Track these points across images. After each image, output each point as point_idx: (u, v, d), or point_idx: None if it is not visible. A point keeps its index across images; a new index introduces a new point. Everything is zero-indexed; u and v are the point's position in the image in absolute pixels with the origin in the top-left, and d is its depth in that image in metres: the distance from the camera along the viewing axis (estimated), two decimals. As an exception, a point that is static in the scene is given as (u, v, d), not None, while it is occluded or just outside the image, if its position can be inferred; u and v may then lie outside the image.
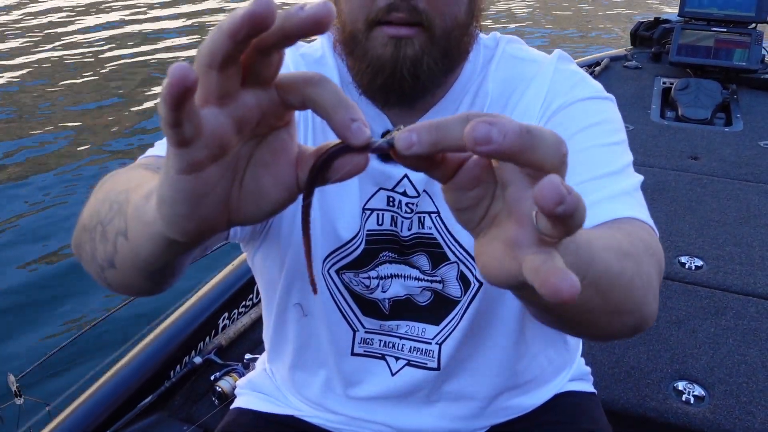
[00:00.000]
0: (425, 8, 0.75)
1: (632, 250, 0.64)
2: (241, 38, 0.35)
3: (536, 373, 0.99)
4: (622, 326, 0.64)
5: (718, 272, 2.06)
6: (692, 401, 1.54)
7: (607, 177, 0.78)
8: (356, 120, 0.38)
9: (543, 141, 0.36)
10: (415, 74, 0.77)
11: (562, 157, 0.37)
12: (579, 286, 0.34)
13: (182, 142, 0.37)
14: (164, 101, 0.34)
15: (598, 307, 0.57)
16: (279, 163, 0.42)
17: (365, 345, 0.95)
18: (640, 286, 0.63)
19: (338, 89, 0.39)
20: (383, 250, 0.89)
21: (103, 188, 0.65)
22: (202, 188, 0.39)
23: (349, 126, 0.38)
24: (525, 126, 0.35)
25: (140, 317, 2.69)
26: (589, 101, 0.86)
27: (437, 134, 0.37)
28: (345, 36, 0.80)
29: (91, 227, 0.62)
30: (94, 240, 0.62)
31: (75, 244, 0.69)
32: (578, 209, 0.35)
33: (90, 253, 0.64)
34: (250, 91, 0.39)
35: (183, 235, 0.42)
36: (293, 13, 0.35)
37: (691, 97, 3.45)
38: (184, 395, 1.62)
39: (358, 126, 0.38)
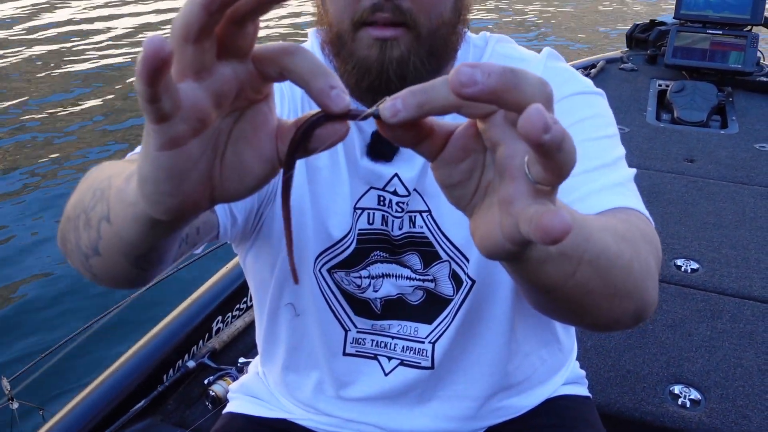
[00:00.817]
0: (410, 8, 0.75)
1: (629, 234, 0.64)
2: (214, 9, 0.34)
3: (528, 373, 0.99)
4: (624, 312, 0.64)
5: (714, 275, 2.06)
6: (688, 405, 1.54)
7: (600, 169, 0.78)
8: (335, 87, 0.38)
9: (526, 79, 0.36)
10: (402, 75, 0.77)
11: (547, 95, 0.37)
12: (570, 223, 0.34)
13: (161, 117, 0.36)
14: (140, 76, 0.33)
15: (597, 288, 0.57)
16: (259, 137, 0.41)
17: (357, 345, 0.94)
18: (639, 269, 0.63)
19: (315, 57, 0.38)
20: (374, 250, 0.89)
21: (88, 180, 0.65)
22: (183, 164, 0.39)
23: (329, 93, 0.38)
24: (508, 66, 0.36)
25: (133, 320, 2.69)
26: (580, 96, 0.86)
27: (422, 96, 0.37)
28: (332, 37, 0.80)
29: (75, 216, 0.62)
30: (78, 228, 0.61)
31: (60, 237, 0.68)
32: (565, 140, 0.35)
33: (74, 242, 0.63)
34: (226, 64, 0.38)
35: (166, 213, 0.41)
36: None
37: (686, 100, 3.46)
38: (177, 399, 1.61)
39: (337, 93, 0.38)
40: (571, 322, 0.71)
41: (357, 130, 0.87)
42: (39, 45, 7.53)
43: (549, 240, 0.35)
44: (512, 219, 0.38)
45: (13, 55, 7.10)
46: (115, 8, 9.38)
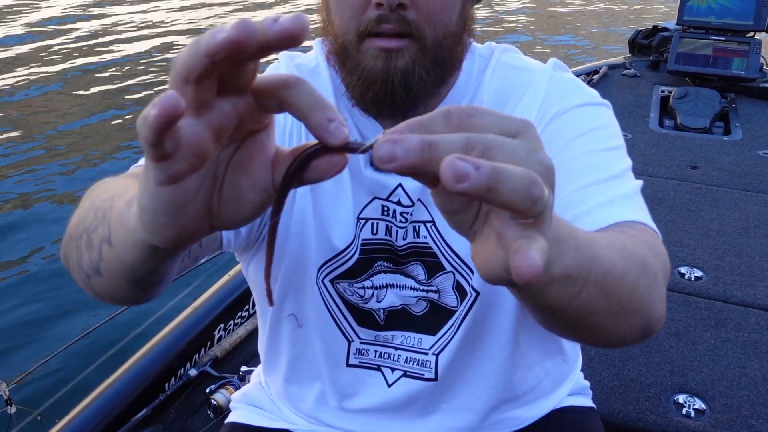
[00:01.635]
0: (415, 19, 0.75)
1: (636, 250, 0.64)
2: (219, 59, 0.34)
3: (533, 385, 0.98)
4: (630, 329, 0.63)
5: (717, 283, 2.05)
6: (693, 415, 1.53)
7: (607, 181, 0.78)
8: (333, 120, 0.38)
9: (449, 145, 0.36)
10: (407, 85, 0.77)
11: (473, 142, 0.36)
12: (539, 265, 0.35)
13: (161, 157, 0.36)
14: (149, 127, 0.34)
15: (603, 308, 0.56)
16: (256, 166, 0.41)
17: (360, 356, 0.94)
18: (646, 285, 0.62)
19: (314, 90, 0.38)
20: (378, 260, 0.88)
21: (90, 196, 0.65)
22: (182, 198, 0.39)
23: (327, 126, 0.38)
24: (428, 139, 0.35)
25: (135, 327, 2.68)
26: (586, 107, 0.86)
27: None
28: (337, 48, 0.81)
29: (77, 236, 0.62)
30: (80, 248, 0.61)
31: (63, 254, 0.69)
32: (496, 182, 0.34)
33: (76, 261, 0.63)
34: (226, 99, 0.38)
35: (165, 242, 0.42)
36: (267, 27, 0.35)
37: (689, 106, 3.45)
38: (179, 408, 1.60)
39: (336, 126, 0.38)
40: (578, 340, 0.70)
41: (361, 138, 0.87)
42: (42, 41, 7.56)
43: (519, 281, 0.35)
44: (503, 251, 0.38)
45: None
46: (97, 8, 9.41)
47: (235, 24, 0.34)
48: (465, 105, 0.89)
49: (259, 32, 0.34)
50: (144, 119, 0.34)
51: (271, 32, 0.35)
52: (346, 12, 0.77)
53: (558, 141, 0.82)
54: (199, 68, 0.35)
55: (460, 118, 0.37)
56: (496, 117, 0.38)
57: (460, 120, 0.37)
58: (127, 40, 7.99)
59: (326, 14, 0.83)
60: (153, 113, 0.33)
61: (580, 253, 0.49)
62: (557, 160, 0.80)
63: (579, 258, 0.49)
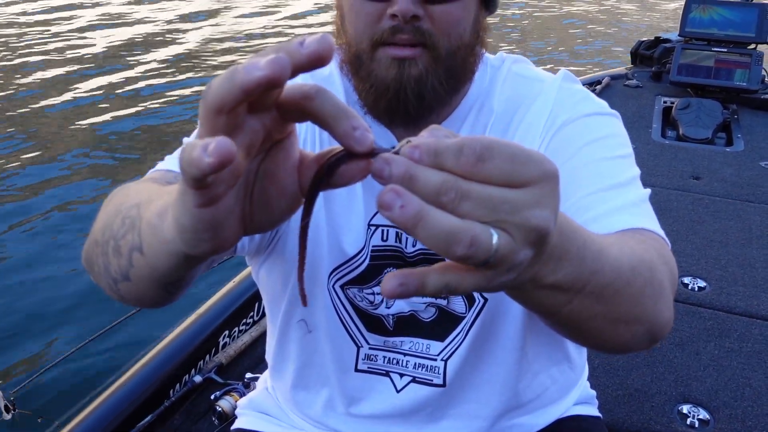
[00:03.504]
0: (429, 29, 0.76)
1: (647, 257, 0.64)
2: (253, 94, 0.36)
3: (539, 392, 0.98)
4: (633, 335, 0.63)
5: (721, 293, 2.05)
6: (697, 425, 1.53)
7: (615, 189, 0.78)
8: (358, 128, 0.39)
9: (425, 184, 0.38)
10: (420, 94, 0.78)
11: (436, 201, 0.38)
12: (395, 290, 0.39)
13: (203, 187, 0.38)
14: (200, 171, 0.35)
15: (600, 315, 0.56)
16: (282, 173, 0.43)
17: (369, 361, 0.94)
18: (651, 294, 0.62)
19: (335, 98, 0.40)
20: (387, 266, 0.89)
21: (113, 202, 0.66)
22: (222, 215, 0.41)
23: (352, 134, 0.39)
24: (409, 173, 0.37)
25: (139, 334, 2.68)
26: (594, 117, 0.87)
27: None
28: (350, 56, 0.81)
29: (103, 242, 0.63)
30: (107, 254, 0.62)
31: (85, 258, 0.70)
32: (414, 226, 0.37)
33: (102, 266, 0.64)
34: (254, 117, 0.40)
35: (204, 253, 0.43)
36: (294, 50, 0.36)
37: (692, 117, 3.46)
38: (183, 415, 1.61)
39: (361, 133, 0.39)
40: (579, 342, 0.71)
41: None
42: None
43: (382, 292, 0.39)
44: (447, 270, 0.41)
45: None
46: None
47: (270, 61, 0.35)
48: (476, 116, 0.89)
49: (292, 63, 0.36)
50: (192, 161, 0.35)
51: (300, 57, 0.36)
52: (360, 22, 0.78)
53: (566, 149, 0.83)
54: (233, 102, 0.36)
55: (470, 160, 0.38)
56: (507, 163, 0.38)
57: (468, 161, 0.38)
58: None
59: (340, 23, 0.84)
60: (208, 161, 0.34)
61: (580, 268, 0.49)
62: (565, 168, 0.81)
63: (576, 274, 0.49)
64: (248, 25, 9.34)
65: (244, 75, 0.35)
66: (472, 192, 0.38)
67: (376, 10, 0.77)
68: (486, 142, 0.38)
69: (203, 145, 0.34)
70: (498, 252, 0.38)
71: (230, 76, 0.36)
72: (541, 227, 0.39)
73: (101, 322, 2.88)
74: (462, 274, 0.40)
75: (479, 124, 0.88)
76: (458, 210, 0.38)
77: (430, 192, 0.37)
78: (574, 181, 0.79)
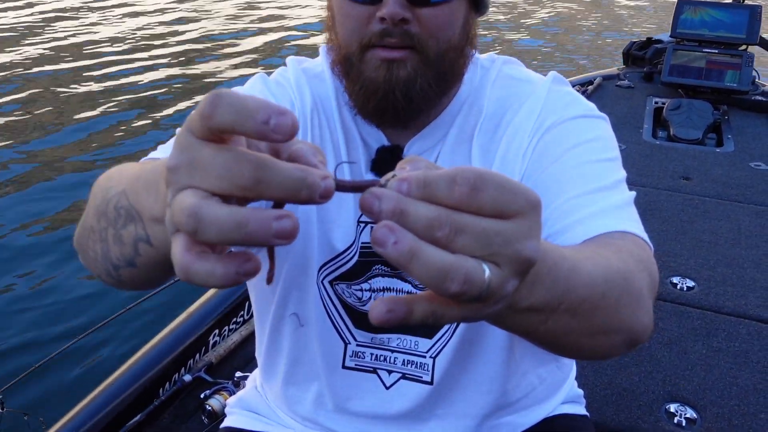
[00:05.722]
0: (418, 32, 0.77)
1: (622, 266, 0.64)
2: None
3: (527, 391, 0.99)
4: (611, 344, 0.63)
5: (709, 293, 2.07)
6: (684, 424, 1.54)
7: (599, 192, 0.79)
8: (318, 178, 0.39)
9: (417, 219, 0.38)
10: (408, 95, 0.79)
11: (430, 236, 0.38)
12: (383, 317, 0.39)
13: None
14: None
15: (576, 330, 0.56)
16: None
17: (356, 358, 0.95)
18: (628, 304, 0.62)
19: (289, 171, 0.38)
20: (376, 263, 0.90)
21: (101, 189, 0.65)
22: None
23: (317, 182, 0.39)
24: (400, 207, 0.37)
25: (129, 332, 2.68)
26: (582, 119, 0.87)
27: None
28: (341, 57, 0.82)
29: (100, 229, 0.63)
30: (105, 241, 0.63)
31: (78, 243, 0.70)
32: (408, 262, 0.37)
33: (101, 252, 0.64)
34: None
35: None
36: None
37: (682, 117, 3.48)
38: (172, 414, 1.61)
39: (326, 183, 0.39)
40: (559, 355, 0.71)
41: (362, 144, 0.89)
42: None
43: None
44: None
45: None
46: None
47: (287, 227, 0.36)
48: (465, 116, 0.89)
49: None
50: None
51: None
52: (350, 24, 0.79)
53: (553, 151, 0.84)
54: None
55: (462, 191, 0.37)
56: (498, 193, 0.38)
57: (463, 191, 0.37)
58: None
59: (331, 24, 0.85)
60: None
61: (553, 290, 0.49)
62: (551, 171, 0.82)
63: (550, 295, 0.49)
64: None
65: (262, 233, 0.37)
66: (467, 226, 0.37)
67: (365, 13, 0.78)
68: (478, 172, 0.38)
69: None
70: (490, 287, 0.38)
71: (237, 227, 0.37)
72: (531, 258, 0.40)
73: (91, 319, 2.89)
74: (450, 305, 0.40)
75: (469, 125, 0.89)
76: (452, 245, 0.37)
77: (422, 227, 0.37)
78: (559, 184, 0.80)
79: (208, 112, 0.37)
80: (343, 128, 0.90)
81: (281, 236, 0.36)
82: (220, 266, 0.37)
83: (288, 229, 0.36)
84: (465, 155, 0.88)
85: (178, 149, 0.39)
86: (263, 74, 0.95)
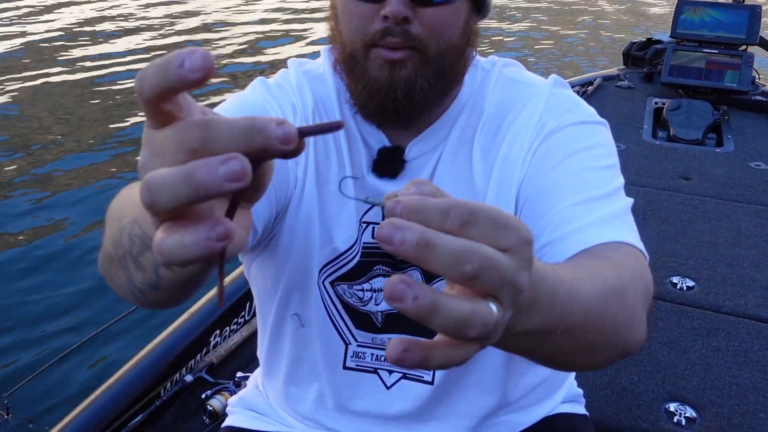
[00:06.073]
0: (419, 32, 0.78)
1: (617, 283, 0.64)
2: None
3: (526, 391, 1.00)
4: (604, 359, 0.64)
5: (709, 293, 2.07)
6: (684, 423, 1.54)
7: (599, 200, 0.79)
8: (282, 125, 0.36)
9: (445, 252, 0.36)
10: (409, 95, 0.80)
11: (461, 275, 0.37)
12: (399, 356, 0.37)
13: None
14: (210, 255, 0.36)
15: (572, 349, 0.57)
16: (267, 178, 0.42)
17: (357, 359, 0.95)
18: (623, 321, 0.63)
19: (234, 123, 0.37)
20: (377, 264, 0.90)
21: (114, 215, 0.65)
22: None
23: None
24: (426, 238, 0.36)
25: (134, 334, 2.68)
26: (582, 125, 0.88)
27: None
28: (344, 56, 0.83)
29: (119, 257, 0.63)
30: (127, 268, 0.62)
31: (103, 270, 0.70)
32: (431, 317, 0.36)
33: (124, 279, 0.64)
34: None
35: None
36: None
37: (682, 118, 3.48)
38: (174, 414, 1.61)
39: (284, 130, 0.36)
40: (553, 368, 0.71)
41: (364, 145, 0.90)
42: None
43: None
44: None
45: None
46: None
47: (236, 169, 0.34)
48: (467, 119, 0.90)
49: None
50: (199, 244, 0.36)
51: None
52: (353, 23, 0.80)
53: (553, 157, 0.84)
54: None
55: (454, 224, 0.37)
56: (491, 229, 0.38)
57: (453, 225, 0.37)
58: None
59: (335, 23, 0.86)
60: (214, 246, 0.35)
61: (550, 315, 0.49)
62: (551, 177, 0.83)
63: (546, 320, 0.49)
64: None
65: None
66: (487, 260, 0.37)
67: (369, 11, 0.79)
68: (471, 207, 0.38)
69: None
70: (497, 324, 0.38)
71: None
72: (525, 289, 0.40)
73: (94, 323, 2.89)
74: (464, 348, 0.39)
75: (470, 127, 0.90)
76: (475, 282, 0.37)
77: (453, 260, 0.36)
78: (560, 190, 0.81)
79: (138, 87, 0.36)
80: (345, 129, 0.90)
81: (232, 179, 0.34)
82: (188, 234, 0.35)
83: (237, 170, 0.34)
84: (466, 157, 0.89)
85: (143, 147, 0.38)
86: (263, 78, 0.95)
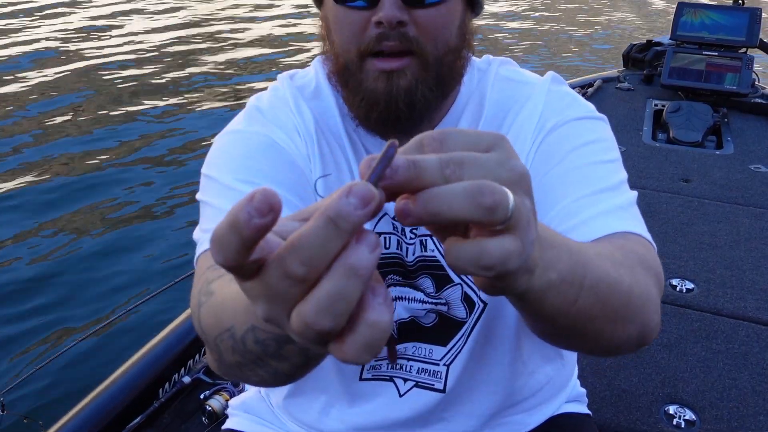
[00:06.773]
0: (416, 35, 0.77)
1: (626, 261, 0.65)
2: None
3: (534, 390, 0.99)
4: (626, 337, 0.65)
5: (709, 295, 2.07)
6: (683, 425, 1.54)
7: (602, 193, 0.79)
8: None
9: (428, 163, 0.38)
10: (411, 103, 0.79)
11: (443, 177, 0.38)
12: (405, 212, 0.37)
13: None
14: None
15: (601, 314, 0.58)
16: None
17: (374, 370, 0.94)
18: (639, 295, 0.64)
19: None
20: (389, 274, 0.89)
21: (212, 332, 0.65)
22: None
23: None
24: (411, 159, 0.38)
25: (131, 335, 2.68)
26: (582, 121, 0.88)
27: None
28: (338, 67, 0.82)
29: (250, 361, 0.61)
30: (267, 365, 0.61)
31: (230, 374, 0.70)
32: (434, 208, 0.37)
33: (268, 374, 0.63)
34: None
35: None
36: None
37: (682, 120, 3.48)
38: (172, 414, 1.61)
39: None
40: (575, 348, 0.71)
41: (367, 155, 0.88)
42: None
43: (397, 216, 0.38)
44: (473, 246, 0.41)
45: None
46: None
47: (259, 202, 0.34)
48: (467, 121, 0.90)
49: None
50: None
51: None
52: (346, 31, 0.78)
53: (556, 153, 0.84)
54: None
55: (432, 146, 0.40)
56: (465, 137, 0.40)
57: (432, 148, 0.40)
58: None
59: (326, 34, 0.84)
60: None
61: (572, 259, 0.51)
62: (554, 173, 0.82)
63: (573, 263, 0.51)
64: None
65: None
66: (462, 158, 0.38)
67: (361, 18, 0.77)
68: (436, 132, 0.40)
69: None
70: (516, 205, 0.38)
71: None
72: (526, 172, 0.41)
73: (92, 322, 2.89)
74: (498, 238, 0.39)
75: (471, 128, 0.89)
76: (462, 178, 0.38)
77: (437, 168, 0.38)
78: (562, 186, 0.81)
79: (221, 260, 0.35)
80: (350, 142, 0.89)
81: (259, 214, 0.33)
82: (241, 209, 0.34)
83: (259, 205, 0.33)
84: None
85: (255, 302, 0.38)
86: (255, 105, 0.91)
